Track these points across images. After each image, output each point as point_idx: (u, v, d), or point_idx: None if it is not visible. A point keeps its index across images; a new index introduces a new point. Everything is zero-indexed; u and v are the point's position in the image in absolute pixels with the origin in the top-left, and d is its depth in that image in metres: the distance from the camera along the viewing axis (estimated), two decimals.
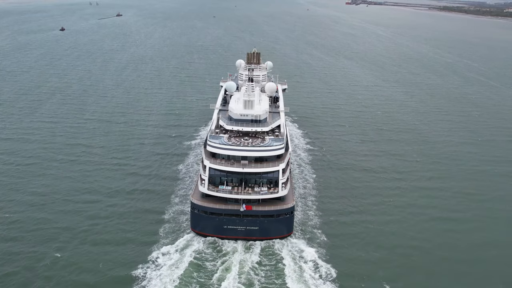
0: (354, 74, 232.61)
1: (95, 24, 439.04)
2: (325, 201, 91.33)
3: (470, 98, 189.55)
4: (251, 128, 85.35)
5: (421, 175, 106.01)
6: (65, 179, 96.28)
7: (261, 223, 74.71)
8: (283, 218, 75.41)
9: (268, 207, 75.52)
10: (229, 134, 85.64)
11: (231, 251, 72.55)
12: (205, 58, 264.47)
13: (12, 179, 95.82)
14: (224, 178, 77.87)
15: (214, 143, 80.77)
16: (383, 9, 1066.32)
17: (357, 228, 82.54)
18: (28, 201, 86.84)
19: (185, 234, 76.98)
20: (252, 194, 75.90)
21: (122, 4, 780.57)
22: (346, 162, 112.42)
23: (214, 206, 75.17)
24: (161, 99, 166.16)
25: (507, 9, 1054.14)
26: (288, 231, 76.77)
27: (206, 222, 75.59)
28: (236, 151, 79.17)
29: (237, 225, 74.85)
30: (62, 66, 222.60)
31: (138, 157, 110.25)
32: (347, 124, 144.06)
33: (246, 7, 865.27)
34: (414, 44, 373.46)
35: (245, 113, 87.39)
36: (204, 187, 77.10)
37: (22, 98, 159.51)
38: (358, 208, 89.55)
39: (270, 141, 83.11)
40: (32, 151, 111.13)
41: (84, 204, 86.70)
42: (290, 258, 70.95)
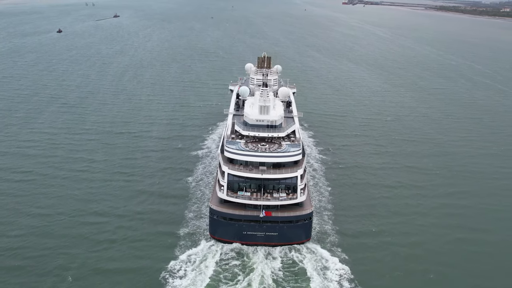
0: (359, 77, 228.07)
1: (92, 26, 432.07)
2: (342, 219, 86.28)
3: (478, 102, 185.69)
4: (268, 134, 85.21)
5: (442, 190, 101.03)
6: (69, 198, 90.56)
7: (280, 229, 74.91)
8: (302, 224, 75.57)
9: (287, 213, 75.43)
10: (245, 139, 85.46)
11: (252, 257, 72.43)
12: (206, 61, 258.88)
13: (12, 198, 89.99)
14: (242, 184, 77.72)
15: (232, 148, 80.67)
16: (380, 9, 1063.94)
17: (378, 252, 77.10)
18: (31, 224, 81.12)
19: (204, 241, 76.18)
20: (272, 200, 75.85)
21: (119, 5, 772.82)
22: (362, 176, 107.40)
23: (234, 212, 75.08)
24: (163, 106, 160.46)
25: (503, 9, 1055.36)
26: (307, 237, 76.85)
27: (225, 228, 75.67)
28: (254, 157, 79.11)
29: (257, 231, 74.99)
30: (59, 71, 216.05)
31: (144, 171, 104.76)
32: (359, 132, 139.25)
33: (243, 8, 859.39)
34: (416, 45, 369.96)
35: (260, 119, 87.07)
36: (223, 193, 76.94)
37: (19, 107, 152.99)
38: (378, 228, 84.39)
39: (287, 146, 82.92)
40: (32, 166, 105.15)
41: (92, 225, 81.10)
42: (311, 264, 71.00)
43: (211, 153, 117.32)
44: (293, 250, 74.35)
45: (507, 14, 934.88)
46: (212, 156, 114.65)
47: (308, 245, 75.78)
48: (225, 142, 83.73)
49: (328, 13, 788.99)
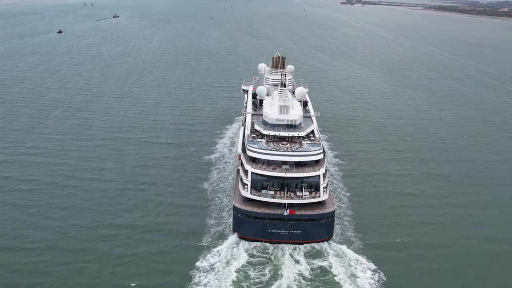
0: (366, 78, 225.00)
1: (92, 26, 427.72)
2: (364, 228, 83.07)
3: (489, 104, 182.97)
4: (288, 133, 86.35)
5: (465, 198, 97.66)
6: (83, 208, 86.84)
7: (304, 227, 75.84)
8: (325, 222, 76.64)
9: (311, 211, 76.43)
10: (266, 138, 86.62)
11: (278, 255, 73.02)
12: (210, 63, 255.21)
13: (23, 209, 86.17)
14: (266, 183, 78.78)
15: (254, 147, 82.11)
16: (379, 9, 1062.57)
17: (405, 264, 74.30)
18: (46, 237, 77.13)
19: (228, 250, 75.00)
20: (295, 198, 76.81)
21: (117, 5, 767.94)
22: (381, 183, 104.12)
23: (258, 211, 76.03)
24: (171, 110, 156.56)
25: (501, 9, 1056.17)
26: (329, 235, 77.85)
27: (249, 226, 76.40)
28: (277, 156, 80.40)
29: (281, 229, 75.78)
30: (61, 73, 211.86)
31: (158, 179, 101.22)
32: (373, 137, 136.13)
33: (242, 8, 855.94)
34: (420, 46, 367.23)
35: (281, 118, 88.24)
36: (247, 192, 77.73)
37: (23, 111, 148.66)
38: (402, 240, 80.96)
39: (308, 146, 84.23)
40: (41, 174, 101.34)
41: (111, 238, 77.45)
42: (336, 261, 71.55)
43: (224, 158, 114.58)
44: (316, 247, 75.11)
45: (505, 14, 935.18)
46: (226, 161, 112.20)
47: (331, 243, 76.80)
48: (247, 141, 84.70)
49: (328, 13, 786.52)
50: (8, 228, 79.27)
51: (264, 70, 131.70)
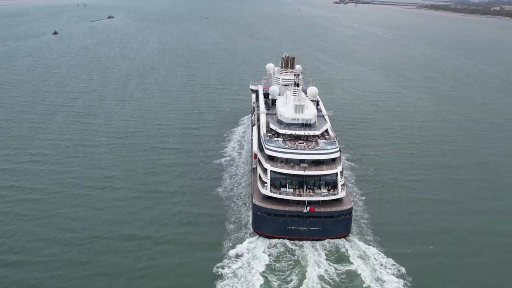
0: (369, 79, 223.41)
1: (87, 27, 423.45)
2: (383, 235, 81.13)
3: (494, 105, 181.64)
4: (304, 132, 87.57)
5: (485, 204, 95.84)
6: (96, 219, 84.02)
7: (323, 223, 76.95)
8: (343, 219, 77.67)
9: (330, 208, 77.49)
10: (282, 137, 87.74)
11: (300, 252, 74.08)
12: (211, 64, 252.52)
13: (33, 221, 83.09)
14: (284, 181, 79.91)
15: (272, 146, 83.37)
16: (372, 8, 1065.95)
17: (425, 259, 74.82)
18: (61, 250, 74.34)
19: (248, 238, 77.44)
20: (314, 196, 77.81)
21: (111, 5, 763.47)
22: (397, 188, 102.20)
23: (279, 208, 76.92)
24: (175, 114, 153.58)
25: (493, 7, 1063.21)
26: (347, 231, 78.96)
27: (269, 223, 77.36)
28: (295, 154, 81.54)
29: (300, 225, 76.80)
30: (59, 77, 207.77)
31: (170, 186, 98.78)
32: (382, 139, 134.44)
33: (236, 8, 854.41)
34: (419, 46, 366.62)
35: (296, 117, 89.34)
36: (267, 190, 78.84)
37: (23, 117, 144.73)
38: (422, 240, 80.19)
39: (324, 144, 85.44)
40: (48, 183, 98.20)
41: (129, 250, 74.84)
42: (356, 256, 72.82)
43: (234, 162, 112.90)
44: (335, 243, 76.67)
45: (497, 12, 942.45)
46: (237, 165, 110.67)
47: (350, 238, 78.20)
48: (264, 140, 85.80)
49: (323, 13, 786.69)
50: (22, 240, 76.45)
51: (273, 70, 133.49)
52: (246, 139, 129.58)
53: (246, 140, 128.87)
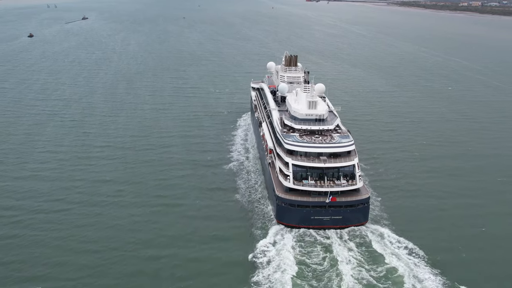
0: (360, 78, 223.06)
1: (63, 30, 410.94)
2: (395, 222, 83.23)
3: (485, 101, 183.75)
4: (319, 127, 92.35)
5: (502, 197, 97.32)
6: (116, 230, 79.96)
7: (344, 212, 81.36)
8: (362, 207, 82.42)
9: (350, 198, 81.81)
10: (297, 132, 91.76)
11: (325, 239, 78.22)
12: (200, 66, 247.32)
13: (50, 233, 78.44)
14: (305, 173, 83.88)
15: (291, 141, 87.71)
16: (345, 5, 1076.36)
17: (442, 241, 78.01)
18: (86, 264, 70.22)
19: (273, 229, 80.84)
20: (335, 186, 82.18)
21: (81, 7, 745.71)
22: (410, 187, 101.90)
23: (302, 199, 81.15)
24: (172, 119, 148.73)
25: (461, 3, 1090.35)
26: (365, 219, 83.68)
27: (293, 214, 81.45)
28: (314, 148, 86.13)
29: (323, 215, 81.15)
30: (42, 84, 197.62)
31: (185, 194, 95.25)
32: (387, 139, 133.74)
33: (210, 7, 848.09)
34: (401, 44, 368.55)
35: (310, 113, 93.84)
36: (290, 182, 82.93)
37: (12, 129, 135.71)
38: (449, 243, 79.68)
39: (338, 138, 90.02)
40: (55, 199, 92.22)
41: (157, 261, 71.47)
42: (377, 240, 77.37)
43: (243, 166, 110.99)
44: (356, 231, 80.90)
45: (466, 8, 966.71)
46: (247, 170, 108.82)
47: (369, 226, 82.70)
48: (282, 135, 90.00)
49: (297, 11, 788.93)
50: (38, 265, 71.02)
51: (274, 68, 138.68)
52: (250, 142, 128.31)
53: (250, 143, 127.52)
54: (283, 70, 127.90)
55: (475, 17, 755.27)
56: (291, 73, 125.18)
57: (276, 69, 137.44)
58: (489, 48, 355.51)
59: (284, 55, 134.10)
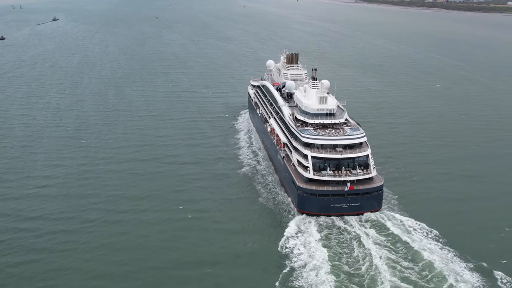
0: (350, 78, 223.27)
1: (34, 32, 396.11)
2: (407, 207, 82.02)
3: (476, 98, 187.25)
4: (331, 120, 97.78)
5: None
6: (146, 248, 76.55)
7: (361, 199, 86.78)
8: (376, 195, 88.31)
9: (366, 186, 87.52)
10: (310, 126, 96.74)
11: (345, 225, 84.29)
12: (186, 68, 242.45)
13: (81, 256, 74.25)
14: (323, 164, 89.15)
15: (308, 134, 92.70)
16: (314, 3, 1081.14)
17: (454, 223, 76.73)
18: (125, 286, 67.44)
19: (295, 219, 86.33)
20: (352, 176, 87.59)
21: (48, 8, 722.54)
22: (426, 189, 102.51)
23: (322, 189, 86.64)
24: (172, 125, 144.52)
25: (427, 0, 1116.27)
26: (379, 206, 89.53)
27: (314, 203, 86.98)
28: (329, 140, 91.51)
29: (342, 203, 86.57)
30: (26, 91, 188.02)
31: (208, 204, 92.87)
32: (390, 140, 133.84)
33: (181, 6, 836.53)
34: (381, 41, 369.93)
35: (321, 108, 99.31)
36: (310, 173, 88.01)
37: (5, 141, 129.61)
38: (438, 204, 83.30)
39: (350, 131, 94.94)
40: (72, 211, 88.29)
41: (194, 278, 69.47)
42: (393, 224, 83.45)
43: (256, 171, 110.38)
44: (371, 216, 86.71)
45: (432, 4, 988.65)
46: (262, 174, 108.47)
47: (383, 211, 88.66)
48: (298, 130, 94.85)
49: (269, 9, 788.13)
50: (74, 281, 68.07)
51: (275, 66, 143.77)
52: (255, 144, 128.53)
53: (255, 145, 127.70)
54: (286, 68, 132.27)
55: (443, 13, 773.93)
56: (294, 71, 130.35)
57: (277, 67, 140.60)
58: (465, 44, 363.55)
59: (284, 54, 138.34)
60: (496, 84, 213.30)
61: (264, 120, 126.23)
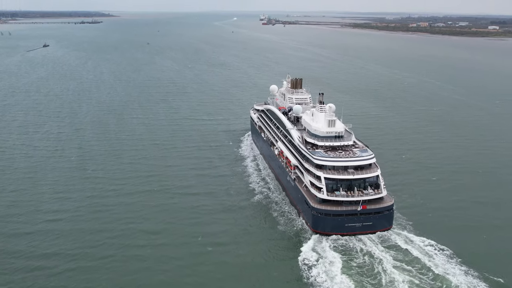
0: (351, 104, 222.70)
1: (26, 59, 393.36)
2: (417, 225, 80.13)
3: (473, 121, 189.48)
4: (340, 143, 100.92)
5: None
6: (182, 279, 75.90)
7: (373, 219, 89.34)
8: (388, 214, 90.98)
9: (378, 205, 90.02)
10: (320, 149, 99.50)
11: (359, 244, 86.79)
12: (184, 94, 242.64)
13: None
14: (335, 185, 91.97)
15: (319, 156, 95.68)
16: (301, 28, 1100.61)
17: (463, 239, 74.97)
18: None
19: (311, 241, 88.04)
20: (364, 196, 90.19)
21: (36, 34, 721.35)
22: (420, 193, 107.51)
23: (336, 209, 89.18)
24: (178, 154, 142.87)
25: (411, 24, 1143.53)
26: (389, 225, 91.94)
27: (328, 222, 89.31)
28: (340, 162, 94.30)
29: (355, 222, 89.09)
30: (22, 121, 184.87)
31: (234, 236, 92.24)
32: (401, 165, 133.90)
33: (170, 32, 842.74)
34: (373, 66, 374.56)
35: (330, 131, 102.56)
36: (323, 194, 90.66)
37: (10, 175, 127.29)
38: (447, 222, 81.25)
39: (359, 152, 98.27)
40: (85, 248, 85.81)
41: None
42: (404, 242, 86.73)
43: (270, 198, 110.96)
44: (384, 235, 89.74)
45: (416, 29, 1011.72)
46: (276, 201, 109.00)
47: (394, 230, 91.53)
48: (309, 152, 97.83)
49: (258, 35, 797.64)
50: None
51: (278, 91, 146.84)
52: (263, 172, 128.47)
53: (263, 173, 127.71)
54: (290, 92, 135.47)
55: (428, 37, 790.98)
56: (299, 95, 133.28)
57: (281, 91, 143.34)
58: (455, 68, 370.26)
59: (287, 79, 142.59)
60: (493, 109, 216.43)
61: (271, 143, 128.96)
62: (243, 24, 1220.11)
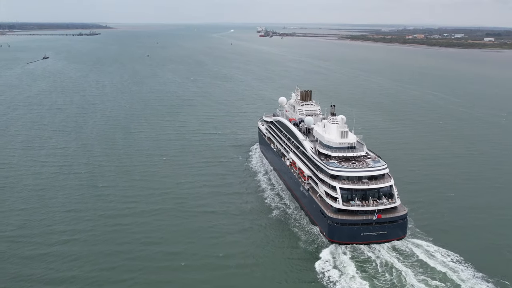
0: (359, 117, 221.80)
1: (26, 71, 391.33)
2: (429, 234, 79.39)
3: (479, 134, 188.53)
4: (353, 154, 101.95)
5: None
6: None
7: (388, 228, 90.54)
8: (402, 223, 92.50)
9: (392, 214, 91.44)
10: (333, 159, 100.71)
11: (376, 252, 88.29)
12: (190, 107, 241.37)
13: None
14: (350, 195, 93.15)
15: (334, 167, 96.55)
16: (298, 40, 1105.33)
17: None
18: None
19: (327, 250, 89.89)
20: (379, 205, 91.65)
21: (34, 46, 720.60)
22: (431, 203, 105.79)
23: (352, 218, 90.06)
24: (190, 172, 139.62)
25: (407, 36, 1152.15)
26: (403, 234, 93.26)
27: (344, 232, 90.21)
28: (355, 172, 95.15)
29: (370, 231, 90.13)
30: (25, 137, 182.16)
31: (259, 257, 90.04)
32: (413, 179, 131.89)
33: (169, 44, 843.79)
34: (377, 79, 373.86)
35: (342, 142, 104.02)
36: (339, 204, 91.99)
37: (19, 190, 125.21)
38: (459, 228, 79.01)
39: (372, 163, 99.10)
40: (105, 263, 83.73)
41: None
42: (420, 251, 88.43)
43: (287, 214, 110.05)
44: (399, 244, 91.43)
45: (412, 41, 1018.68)
46: (294, 218, 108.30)
47: (408, 239, 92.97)
48: (324, 163, 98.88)
49: (256, 47, 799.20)
50: None
51: (288, 103, 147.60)
52: (277, 187, 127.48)
53: (277, 188, 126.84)
54: (300, 104, 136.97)
55: (425, 49, 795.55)
56: (309, 107, 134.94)
57: (291, 103, 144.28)
58: (456, 80, 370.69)
59: (296, 91, 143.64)
60: (500, 121, 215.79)
61: (281, 154, 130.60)
62: (240, 36, 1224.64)
